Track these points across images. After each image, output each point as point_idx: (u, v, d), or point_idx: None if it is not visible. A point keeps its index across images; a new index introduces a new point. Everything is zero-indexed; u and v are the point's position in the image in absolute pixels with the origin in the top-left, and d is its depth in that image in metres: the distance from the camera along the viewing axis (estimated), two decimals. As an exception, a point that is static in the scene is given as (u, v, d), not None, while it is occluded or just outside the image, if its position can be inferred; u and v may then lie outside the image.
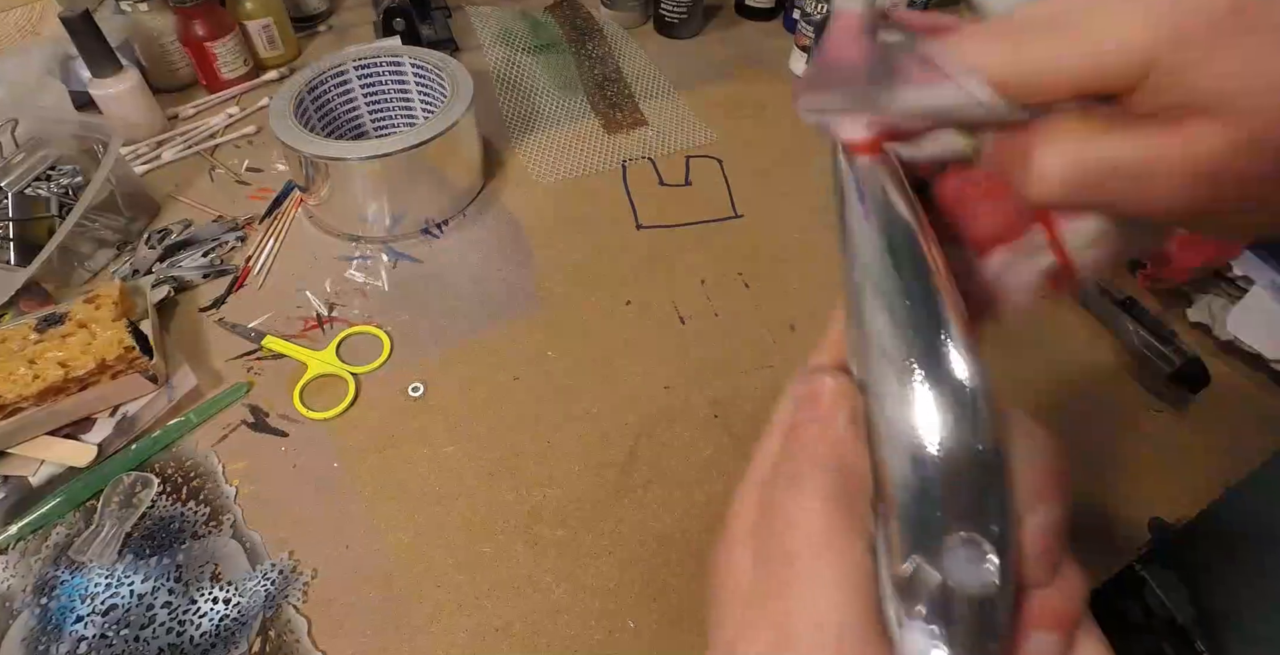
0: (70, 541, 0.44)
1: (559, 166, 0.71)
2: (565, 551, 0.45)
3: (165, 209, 0.65)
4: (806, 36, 0.79)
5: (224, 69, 0.76)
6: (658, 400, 0.52)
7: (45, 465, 0.47)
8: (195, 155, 0.71)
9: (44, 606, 0.42)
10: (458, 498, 0.47)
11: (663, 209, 0.67)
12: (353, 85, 0.67)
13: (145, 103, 0.70)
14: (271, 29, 0.79)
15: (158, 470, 0.48)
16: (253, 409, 0.51)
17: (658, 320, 0.57)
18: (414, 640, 0.41)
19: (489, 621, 0.42)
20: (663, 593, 0.43)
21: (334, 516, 0.46)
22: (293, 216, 0.65)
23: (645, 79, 0.82)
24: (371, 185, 0.59)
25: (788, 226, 0.65)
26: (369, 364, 0.54)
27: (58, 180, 0.58)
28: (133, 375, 0.49)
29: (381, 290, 0.59)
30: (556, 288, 0.60)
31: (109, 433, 0.48)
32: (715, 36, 0.90)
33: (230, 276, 0.60)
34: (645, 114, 0.77)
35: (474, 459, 0.49)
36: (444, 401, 0.52)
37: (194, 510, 0.46)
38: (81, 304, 0.50)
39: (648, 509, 0.47)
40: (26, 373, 0.46)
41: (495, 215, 0.66)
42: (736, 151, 0.73)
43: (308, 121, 0.63)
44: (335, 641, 0.41)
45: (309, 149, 0.56)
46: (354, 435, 0.50)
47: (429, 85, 0.67)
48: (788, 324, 0.57)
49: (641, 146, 0.73)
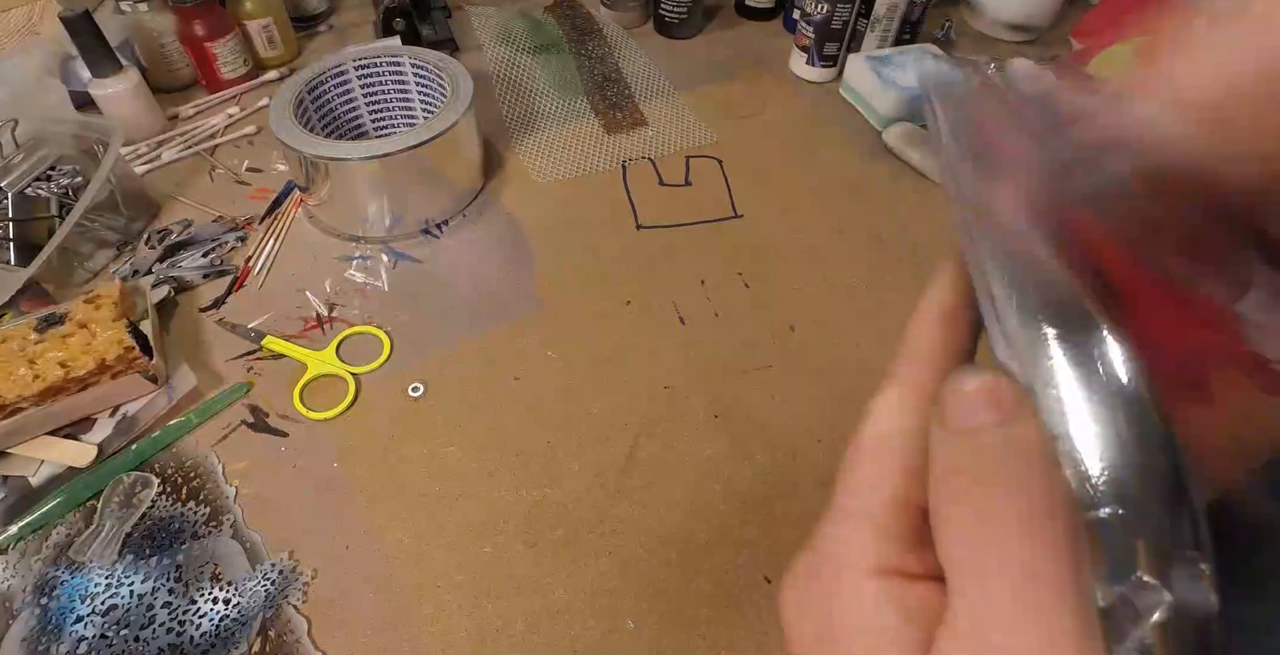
0: (70, 541, 0.44)
1: (559, 166, 0.71)
2: (565, 551, 0.45)
3: (165, 209, 0.65)
4: (806, 36, 0.79)
5: (224, 69, 0.76)
6: (658, 400, 0.52)
7: (45, 465, 0.47)
8: (195, 155, 0.71)
9: (44, 606, 0.42)
10: (458, 498, 0.47)
11: (663, 209, 0.67)
12: (353, 85, 0.67)
13: (145, 103, 0.70)
14: (271, 29, 0.79)
15: (158, 470, 0.48)
16: (253, 409, 0.51)
17: (658, 320, 0.57)
18: (414, 640, 0.41)
19: (489, 621, 0.42)
20: (663, 593, 0.43)
21: (334, 516, 0.46)
22: (293, 216, 0.65)
23: (645, 79, 0.82)
24: (371, 185, 0.59)
25: (788, 226, 0.65)
26: (369, 364, 0.54)
27: (58, 180, 0.58)
28: (133, 375, 0.49)
29: (381, 290, 0.59)
30: (556, 288, 0.60)
31: (109, 433, 0.48)
32: (715, 36, 0.90)
33: (230, 277, 0.60)
34: (645, 114, 0.77)
35: (474, 459, 0.49)
36: (444, 401, 0.52)
37: (194, 510, 0.46)
38: (81, 304, 0.50)
39: (648, 509, 0.47)
40: (27, 373, 0.46)
41: (495, 215, 0.66)
42: (736, 151, 0.73)
43: (308, 121, 0.63)
44: (335, 641, 0.41)
45: (309, 149, 0.56)
46: (354, 435, 0.50)
47: (429, 85, 0.67)
48: (788, 324, 0.57)
49: (641, 146, 0.73)
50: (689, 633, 0.42)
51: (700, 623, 0.42)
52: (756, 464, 0.49)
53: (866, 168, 0.71)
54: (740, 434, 0.51)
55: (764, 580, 0.44)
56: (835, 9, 0.75)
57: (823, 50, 0.79)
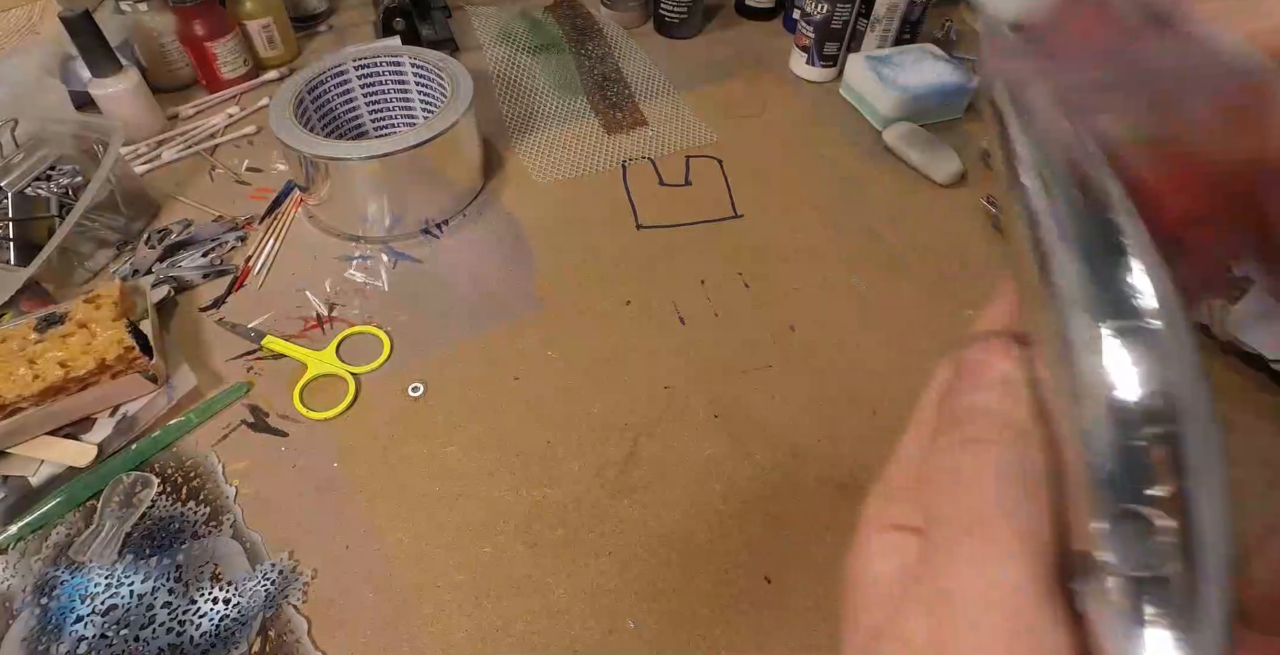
0: (70, 541, 0.44)
1: (559, 166, 0.71)
2: (565, 551, 0.45)
3: (165, 209, 0.65)
4: (806, 36, 0.79)
5: (224, 69, 0.76)
6: (658, 400, 0.52)
7: (45, 465, 0.47)
8: (195, 155, 0.71)
9: (44, 606, 0.42)
10: (457, 498, 0.47)
11: (663, 209, 0.67)
12: (353, 85, 0.67)
13: (145, 103, 0.70)
14: (271, 29, 0.79)
15: (158, 470, 0.48)
16: (253, 409, 0.51)
17: (658, 320, 0.57)
18: (414, 640, 0.41)
19: (489, 621, 0.42)
20: (663, 593, 0.43)
21: (334, 516, 0.46)
22: (293, 216, 0.65)
23: (645, 79, 0.82)
24: (371, 185, 0.59)
25: (788, 226, 0.65)
26: (369, 364, 0.54)
27: (58, 180, 0.58)
28: (133, 375, 0.49)
29: (381, 290, 0.59)
30: (556, 288, 0.60)
31: (109, 433, 0.48)
32: (715, 36, 0.90)
33: (230, 276, 0.60)
34: (645, 114, 0.77)
35: (474, 459, 0.49)
36: (444, 401, 0.52)
37: (194, 510, 0.46)
38: (81, 304, 0.50)
39: (648, 509, 0.47)
40: (27, 373, 0.46)
41: (495, 215, 0.66)
42: (736, 151, 0.73)
43: (308, 121, 0.63)
44: (335, 641, 0.41)
45: (309, 149, 0.56)
46: (354, 435, 0.50)
47: (429, 85, 0.67)
48: (788, 324, 0.57)
49: (641, 146, 0.73)
50: (689, 633, 0.42)
51: (700, 623, 0.42)
52: (756, 464, 0.49)
53: (866, 168, 0.71)
54: (740, 434, 0.51)
55: (764, 580, 0.44)
56: (835, 9, 0.75)
57: (823, 50, 0.79)
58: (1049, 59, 0.18)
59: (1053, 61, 0.18)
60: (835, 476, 0.48)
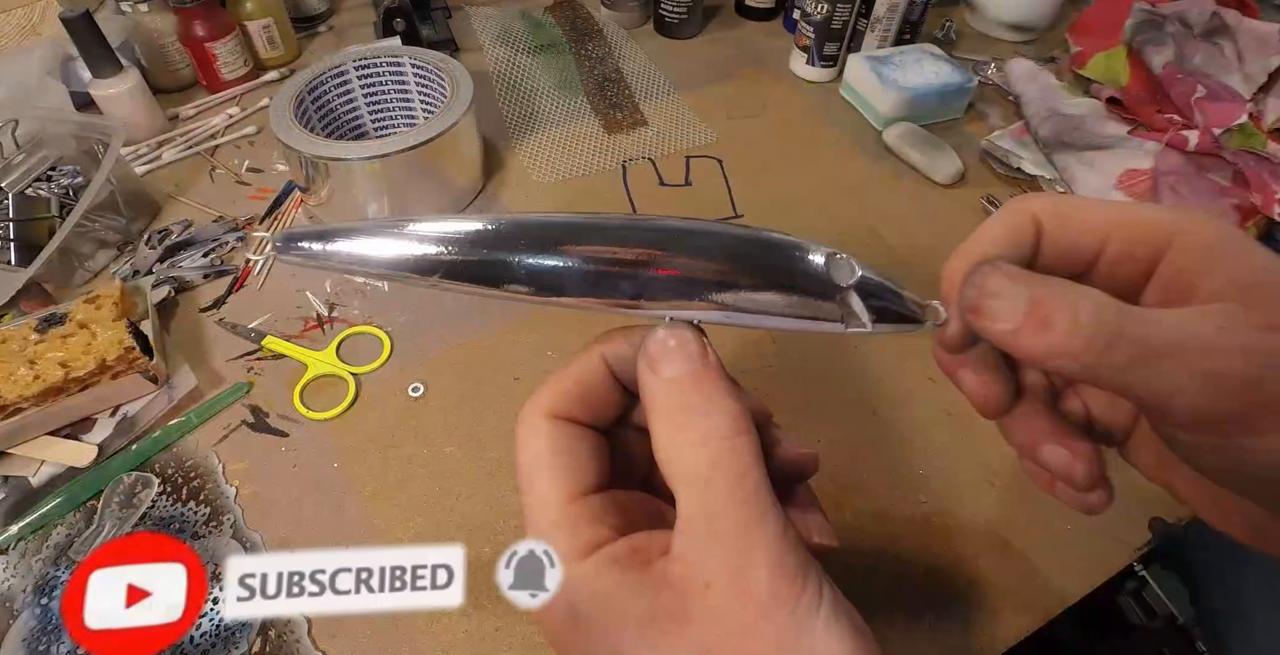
0: (70, 541, 0.45)
1: (559, 166, 0.71)
2: (565, 551, 0.45)
3: (165, 209, 0.65)
4: (807, 36, 0.79)
5: (224, 69, 0.76)
6: (658, 400, 0.52)
7: (45, 465, 0.47)
8: (195, 155, 0.71)
9: (44, 606, 0.42)
10: (458, 498, 0.47)
11: (663, 209, 0.67)
12: (353, 85, 0.67)
13: (145, 103, 0.70)
14: (271, 29, 0.79)
15: (158, 470, 0.48)
16: (253, 409, 0.51)
17: (658, 320, 0.57)
18: (414, 640, 0.41)
19: (489, 621, 0.42)
20: (663, 593, 0.43)
21: (334, 516, 0.46)
22: (293, 217, 0.65)
23: (645, 79, 0.82)
24: (372, 185, 0.59)
25: (788, 226, 0.65)
26: (369, 364, 0.54)
27: (58, 180, 0.58)
28: (133, 375, 0.49)
29: (381, 290, 0.59)
30: (556, 288, 0.60)
31: (109, 433, 0.48)
32: (715, 36, 0.90)
33: (230, 277, 0.60)
34: (645, 114, 0.77)
35: (474, 459, 0.49)
36: (444, 401, 0.52)
37: (194, 510, 0.46)
38: (82, 304, 0.50)
39: (648, 509, 0.47)
40: (27, 373, 0.46)
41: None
42: (736, 151, 0.73)
43: (308, 122, 0.63)
44: (335, 641, 0.41)
45: (309, 149, 0.56)
46: (354, 435, 0.50)
47: (429, 85, 0.67)
48: (788, 324, 0.57)
49: (641, 146, 0.73)
50: (689, 633, 0.42)
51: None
52: (756, 464, 0.49)
53: (866, 168, 0.71)
54: (740, 434, 0.50)
55: (764, 580, 0.44)
56: (835, 9, 0.75)
57: (823, 50, 0.79)
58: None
59: None
60: (835, 476, 0.48)
